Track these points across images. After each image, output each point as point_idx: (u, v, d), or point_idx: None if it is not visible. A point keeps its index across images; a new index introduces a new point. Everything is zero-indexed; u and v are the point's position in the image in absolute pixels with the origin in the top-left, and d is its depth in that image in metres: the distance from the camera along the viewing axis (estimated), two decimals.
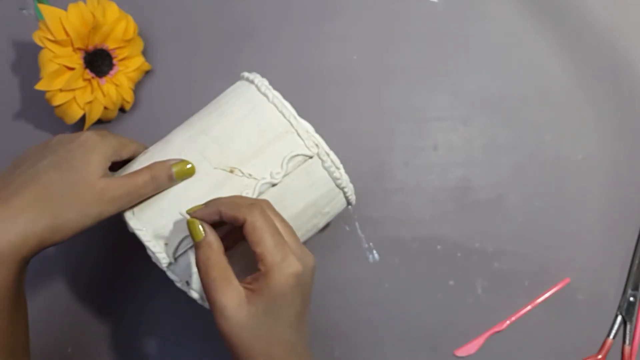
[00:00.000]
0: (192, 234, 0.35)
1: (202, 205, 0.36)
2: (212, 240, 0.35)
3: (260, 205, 0.35)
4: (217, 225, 0.36)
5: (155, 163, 0.39)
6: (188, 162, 0.39)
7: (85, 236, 0.39)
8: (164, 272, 0.39)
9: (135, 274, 0.51)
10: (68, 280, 0.51)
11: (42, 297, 0.50)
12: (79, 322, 0.50)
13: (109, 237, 0.51)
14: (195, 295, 0.40)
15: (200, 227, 0.35)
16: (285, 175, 0.39)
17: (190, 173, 0.39)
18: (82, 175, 0.37)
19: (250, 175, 0.39)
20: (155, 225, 0.39)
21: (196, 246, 0.35)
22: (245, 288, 0.34)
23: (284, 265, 0.33)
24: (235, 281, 0.34)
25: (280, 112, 0.40)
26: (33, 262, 0.36)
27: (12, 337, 0.35)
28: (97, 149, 0.38)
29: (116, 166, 0.41)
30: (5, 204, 0.35)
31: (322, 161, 0.40)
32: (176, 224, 0.38)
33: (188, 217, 0.36)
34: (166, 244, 0.38)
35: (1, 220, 0.34)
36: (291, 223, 0.37)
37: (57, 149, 0.38)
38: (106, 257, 0.51)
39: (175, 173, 0.38)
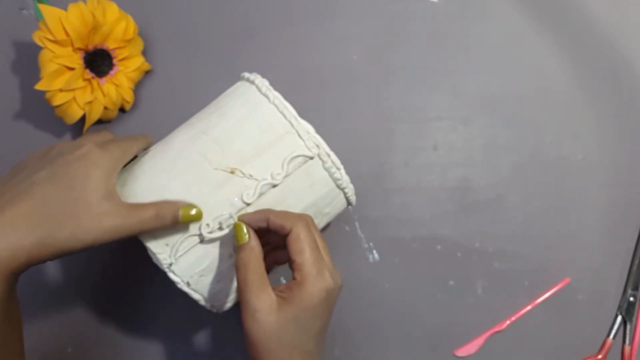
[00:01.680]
0: (237, 236, 0.37)
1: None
2: (255, 244, 0.36)
3: (306, 218, 0.36)
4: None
5: (163, 202, 0.38)
6: (194, 207, 0.38)
7: None
8: (164, 273, 0.39)
9: (136, 275, 0.51)
10: (68, 281, 0.51)
11: (43, 297, 0.50)
12: (79, 322, 0.50)
13: None
14: (195, 296, 0.40)
15: (245, 230, 0.36)
16: (286, 176, 0.39)
17: (196, 218, 0.38)
18: (82, 193, 0.35)
19: (251, 176, 0.39)
20: None
21: (238, 249, 0.36)
22: (277, 295, 0.35)
23: (319, 278, 0.35)
24: (269, 287, 0.35)
25: (281, 112, 0.40)
26: None
27: (5, 351, 0.35)
28: (97, 163, 0.36)
29: None
30: None
31: (323, 162, 0.40)
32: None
33: (235, 220, 0.37)
34: (167, 245, 0.38)
35: None
36: None
37: (56, 160, 0.37)
38: (106, 257, 0.51)
39: (182, 216, 0.37)
